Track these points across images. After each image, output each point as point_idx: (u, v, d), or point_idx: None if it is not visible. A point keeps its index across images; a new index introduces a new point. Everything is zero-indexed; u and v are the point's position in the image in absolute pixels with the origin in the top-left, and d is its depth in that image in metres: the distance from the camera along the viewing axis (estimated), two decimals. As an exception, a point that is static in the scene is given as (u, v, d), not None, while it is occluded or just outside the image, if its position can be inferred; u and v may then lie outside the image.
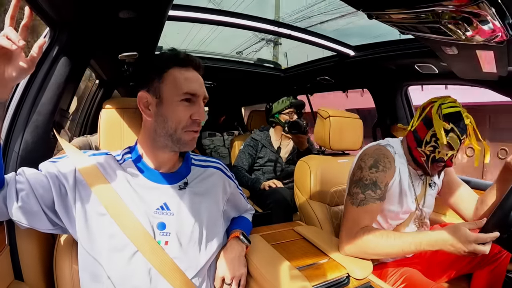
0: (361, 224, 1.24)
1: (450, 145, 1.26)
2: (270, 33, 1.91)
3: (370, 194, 1.26)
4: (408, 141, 1.40)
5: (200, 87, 0.96)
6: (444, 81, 1.95)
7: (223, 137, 3.75)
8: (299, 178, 1.80)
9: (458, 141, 1.25)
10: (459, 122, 1.25)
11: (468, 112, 1.27)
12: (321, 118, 1.89)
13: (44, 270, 1.06)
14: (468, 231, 1.04)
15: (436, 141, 1.27)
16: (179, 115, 0.93)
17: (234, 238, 1.13)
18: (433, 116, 1.27)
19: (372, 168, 1.30)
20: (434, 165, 1.31)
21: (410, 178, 1.41)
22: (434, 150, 1.28)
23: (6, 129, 1.05)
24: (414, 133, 1.36)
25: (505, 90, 1.55)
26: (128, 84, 2.66)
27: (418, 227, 1.45)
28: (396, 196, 1.37)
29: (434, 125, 1.26)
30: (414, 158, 1.38)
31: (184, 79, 0.94)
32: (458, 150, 1.28)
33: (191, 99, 0.94)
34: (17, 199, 0.83)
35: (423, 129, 1.32)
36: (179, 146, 0.96)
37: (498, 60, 1.19)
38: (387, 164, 1.32)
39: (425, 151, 1.31)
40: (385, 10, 0.96)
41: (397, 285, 1.28)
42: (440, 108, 1.28)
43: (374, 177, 1.28)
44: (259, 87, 3.45)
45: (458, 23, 0.89)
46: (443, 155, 1.27)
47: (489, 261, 1.35)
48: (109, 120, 1.17)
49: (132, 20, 1.14)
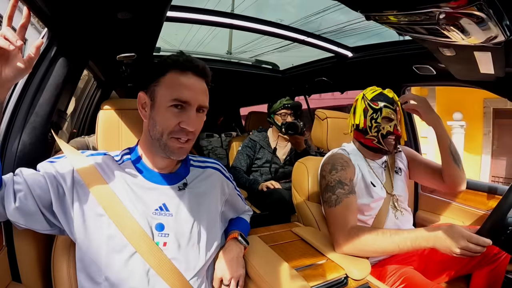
0: (348, 220, 1.28)
1: (388, 117, 1.46)
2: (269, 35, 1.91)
3: (340, 192, 1.34)
4: (356, 137, 1.61)
5: (195, 95, 0.92)
6: (442, 83, 1.96)
7: (221, 138, 3.74)
8: (296, 179, 1.80)
9: (392, 110, 1.46)
10: (383, 97, 1.49)
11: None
12: (319, 120, 1.90)
13: (41, 271, 1.06)
14: (463, 229, 1.09)
15: (376, 121, 1.48)
16: (167, 121, 0.91)
17: (232, 239, 1.13)
18: (362, 104, 1.53)
19: (332, 171, 1.42)
20: (386, 141, 1.48)
21: (371, 170, 1.55)
22: (379, 128, 1.47)
23: (3, 129, 1.05)
24: (357, 129, 1.56)
25: (502, 91, 1.56)
26: (126, 85, 2.65)
27: (395, 212, 1.52)
28: (363, 190, 1.48)
29: (368, 110, 1.49)
30: (368, 147, 1.56)
31: (178, 85, 0.91)
32: (399, 119, 1.49)
33: (182, 105, 0.91)
34: (15, 199, 0.83)
35: (362, 120, 1.52)
36: (165, 152, 0.94)
37: (496, 61, 1.19)
38: (344, 163, 1.45)
39: (372, 135, 1.49)
40: (383, 11, 0.97)
41: (396, 286, 1.28)
42: (364, 97, 1.53)
43: (336, 177, 1.39)
44: (257, 88, 3.45)
45: (456, 25, 0.89)
46: (388, 128, 1.46)
47: (488, 261, 1.36)
48: (107, 121, 1.17)
49: (130, 21, 1.14)
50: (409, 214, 1.59)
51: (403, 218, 1.53)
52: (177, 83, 0.92)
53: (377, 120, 1.47)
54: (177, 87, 0.91)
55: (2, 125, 1.05)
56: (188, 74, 0.93)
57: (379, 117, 1.46)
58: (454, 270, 1.43)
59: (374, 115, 1.48)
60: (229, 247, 1.10)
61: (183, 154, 0.96)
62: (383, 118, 1.46)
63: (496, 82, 1.48)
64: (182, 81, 0.92)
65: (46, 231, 0.93)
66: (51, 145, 1.25)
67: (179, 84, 0.91)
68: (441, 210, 1.96)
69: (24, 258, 1.03)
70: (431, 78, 1.84)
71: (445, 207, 1.93)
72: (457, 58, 1.25)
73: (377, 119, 1.47)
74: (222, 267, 1.03)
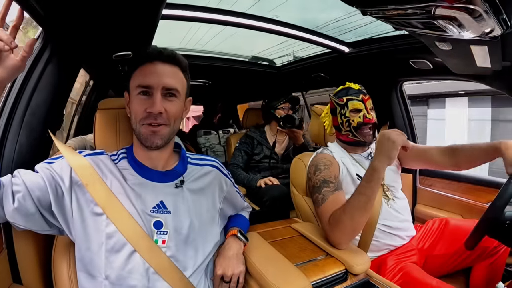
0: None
1: (355, 109, 1.54)
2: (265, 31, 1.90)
3: (326, 190, 1.36)
4: (336, 136, 1.70)
5: (158, 78, 0.94)
6: (438, 77, 1.96)
7: (219, 135, 3.74)
8: (294, 175, 1.80)
9: (359, 101, 1.54)
10: (347, 90, 1.59)
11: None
12: (316, 115, 1.90)
13: (42, 272, 1.06)
14: (386, 132, 1.22)
15: (345, 116, 1.55)
16: (136, 108, 0.94)
17: (231, 236, 1.13)
18: (332, 104, 1.63)
19: (316, 172, 1.46)
20: (360, 132, 1.55)
21: (357, 163, 1.59)
22: (349, 122, 1.54)
23: (1, 131, 1.05)
24: (334, 127, 1.66)
25: (499, 85, 1.56)
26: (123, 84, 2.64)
27: (387, 201, 1.54)
28: (350, 184, 1.51)
29: (336, 107, 1.59)
30: (346, 142, 1.63)
31: (141, 73, 0.95)
32: (368, 109, 1.54)
33: (147, 91, 0.94)
34: (13, 200, 0.83)
35: (334, 119, 1.64)
36: (141, 140, 0.96)
37: (492, 55, 1.19)
38: (327, 162, 1.49)
39: (346, 130, 1.57)
40: (379, 6, 0.97)
41: (396, 280, 1.29)
42: (331, 97, 1.64)
43: (321, 177, 1.42)
44: (254, 85, 3.44)
45: (452, 19, 0.89)
46: (358, 119, 1.52)
47: (488, 254, 1.36)
48: (104, 120, 1.16)
49: (125, 19, 1.13)
50: (403, 201, 1.61)
51: (396, 205, 1.54)
52: (142, 72, 0.95)
53: (346, 114, 1.55)
54: (141, 75, 0.95)
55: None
56: (155, 62, 0.96)
57: (347, 111, 1.55)
58: (454, 263, 1.44)
59: (342, 110, 1.57)
60: (228, 244, 1.10)
61: (157, 140, 0.96)
62: (350, 111, 1.54)
63: (492, 76, 1.48)
64: (147, 69, 0.95)
65: (45, 232, 0.93)
66: (49, 145, 1.25)
67: (144, 72, 0.95)
68: (439, 204, 1.96)
69: (24, 259, 1.03)
70: (428, 72, 1.84)
71: (444, 201, 1.94)
72: (453, 52, 1.25)
73: (345, 113, 1.55)
74: (222, 264, 1.03)
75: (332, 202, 1.31)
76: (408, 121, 2.20)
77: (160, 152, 1.02)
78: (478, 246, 1.16)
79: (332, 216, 1.25)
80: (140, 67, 0.96)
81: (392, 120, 2.18)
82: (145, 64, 0.96)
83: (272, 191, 2.29)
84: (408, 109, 2.22)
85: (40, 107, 1.13)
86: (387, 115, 2.18)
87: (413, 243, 1.53)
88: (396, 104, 2.20)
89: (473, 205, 1.76)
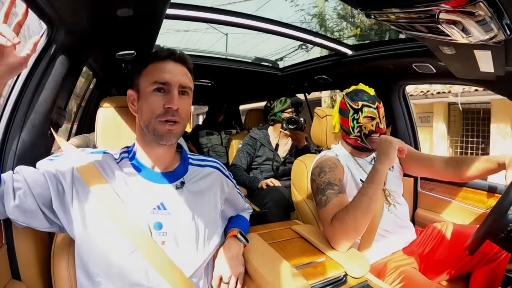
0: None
1: (369, 116, 1.50)
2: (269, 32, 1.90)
3: (330, 192, 1.35)
4: (342, 137, 1.66)
5: (174, 76, 0.95)
6: (441, 81, 1.96)
7: (221, 136, 3.74)
8: (296, 177, 1.80)
9: (373, 109, 1.50)
10: (363, 94, 1.53)
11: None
12: (318, 118, 1.89)
13: (41, 269, 1.06)
14: (387, 138, 1.31)
15: (358, 121, 1.51)
16: (152, 105, 0.93)
17: (232, 237, 1.13)
18: (344, 105, 1.58)
19: (321, 174, 1.44)
20: (369, 140, 1.52)
21: (361, 168, 1.58)
22: (361, 128, 1.51)
23: (3, 128, 1.05)
24: (342, 128, 1.61)
25: (502, 90, 1.56)
26: (126, 82, 2.64)
27: (388, 206, 1.54)
28: (354, 188, 1.50)
29: (349, 110, 1.54)
30: (353, 146, 1.60)
31: (157, 70, 0.95)
32: (381, 118, 1.52)
33: (163, 88, 0.94)
34: (14, 197, 0.83)
35: (344, 120, 1.58)
36: (155, 137, 0.95)
37: (496, 60, 1.19)
38: (332, 165, 1.47)
39: (356, 135, 1.54)
40: (382, 9, 0.97)
41: (396, 284, 1.29)
42: (344, 97, 1.58)
43: (325, 179, 1.41)
44: (257, 86, 3.44)
45: (456, 23, 0.89)
46: (370, 127, 1.49)
47: (488, 260, 1.36)
48: (107, 119, 1.17)
49: (130, 18, 1.13)
50: (404, 207, 1.60)
51: (397, 211, 1.54)
52: (156, 69, 0.95)
53: (359, 120, 1.51)
54: (157, 72, 0.95)
55: (1, 123, 1.05)
56: (167, 61, 0.97)
57: (360, 116, 1.51)
58: (454, 269, 1.43)
59: (355, 115, 1.52)
60: (228, 244, 1.10)
61: (173, 138, 0.96)
62: (364, 118, 1.50)
63: (496, 81, 1.48)
64: (161, 66, 0.96)
65: (45, 229, 0.93)
66: (51, 143, 1.25)
67: (159, 69, 0.95)
68: (440, 209, 1.96)
69: (24, 256, 1.03)
70: (431, 76, 1.83)
71: (445, 206, 1.93)
72: (457, 56, 1.25)
73: (359, 119, 1.51)
74: (221, 265, 1.03)
75: (335, 204, 1.31)
76: (411, 124, 2.20)
77: (167, 150, 1.02)
78: (478, 252, 1.16)
79: (335, 217, 1.25)
80: (152, 64, 0.97)
81: (394, 124, 2.17)
82: (158, 62, 0.96)
83: (273, 192, 2.29)
84: (410, 113, 2.22)
85: (43, 104, 1.13)
86: (389, 119, 2.18)
87: (413, 247, 1.53)
88: (399, 107, 2.20)
89: (473, 210, 1.76)
